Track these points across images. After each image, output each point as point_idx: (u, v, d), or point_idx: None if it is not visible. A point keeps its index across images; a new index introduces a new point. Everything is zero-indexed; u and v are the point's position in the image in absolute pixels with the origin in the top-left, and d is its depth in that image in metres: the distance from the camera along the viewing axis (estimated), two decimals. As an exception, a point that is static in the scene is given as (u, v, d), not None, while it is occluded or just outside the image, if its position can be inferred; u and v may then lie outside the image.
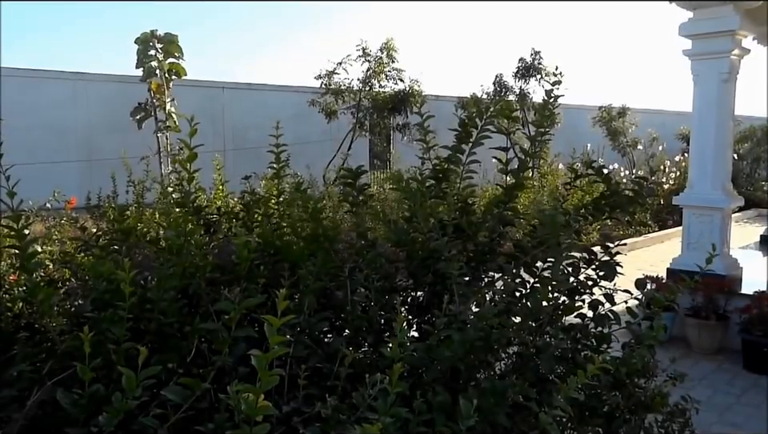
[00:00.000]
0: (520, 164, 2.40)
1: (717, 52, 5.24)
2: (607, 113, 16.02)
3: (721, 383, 4.44)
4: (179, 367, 1.73)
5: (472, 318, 1.96)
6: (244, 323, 1.81)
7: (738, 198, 5.76)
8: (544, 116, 2.35)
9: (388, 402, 1.56)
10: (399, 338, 1.78)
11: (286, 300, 1.43)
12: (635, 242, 9.84)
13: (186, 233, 1.99)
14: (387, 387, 1.56)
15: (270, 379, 1.35)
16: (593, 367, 1.71)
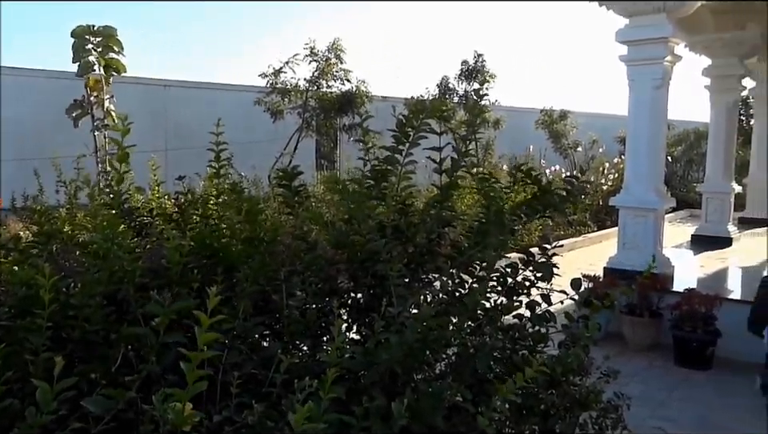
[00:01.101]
0: (453, 164, 2.42)
1: (651, 58, 5.43)
2: (549, 116, 16.39)
3: (653, 379, 4.59)
4: (104, 377, 1.66)
5: (410, 320, 1.96)
6: (174, 330, 1.75)
7: (670, 200, 5.98)
8: (474, 116, 2.36)
9: (321, 407, 1.53)
10: (336, 342, 1.76)
11: (217, 297, 1.39)
12: (575, 242, 10.10)
13: (114, 236, 1.91)
14: (320, 393, 1.53)
15: (197, 384, 1.30)
16: (530, 371, 1.73)
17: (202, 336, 1.30)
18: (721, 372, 4.71)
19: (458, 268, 2.37)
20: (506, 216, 2.45)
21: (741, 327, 4.49)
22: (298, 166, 2.51)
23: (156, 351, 1.65)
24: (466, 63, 13.83)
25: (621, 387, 4.23)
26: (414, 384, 1.98)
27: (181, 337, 1.61)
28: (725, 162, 8.01)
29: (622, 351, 5.16)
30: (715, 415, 4.00)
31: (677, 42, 5.53)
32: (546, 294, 2.36)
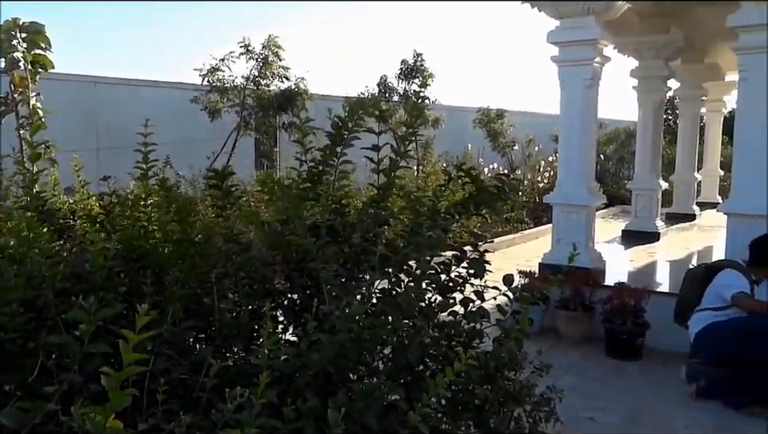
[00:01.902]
0: (391, 163, 2.42)
1: (580, 59, 5.59)
2: (486, 115, 16.68)
3: (586, 371, 4.73)
4: (20, 388, 1.58)
5: (342, 320, 1.95)
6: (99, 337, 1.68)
7: (601, 197, 6.18)
8: (413, 115, 2.38)
9: (253, 412, 1.51)
10: (268, 344, 1.73)
11: (147, 315, 1.33)
12: (513, 238, 10.32)
13: (32, 239, 1.82)
14: (252, 398, 1.51)
15: (121, 399, 1.25)
16: (460, 365, 1.75)
17: (127, 355, 1.25)
18: (650, 362, 4.90)
19: (393, 267, 2.39)
20: (441, 214, 2.48)
21: (668, 319, 4.70)
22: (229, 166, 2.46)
23: (78, 360, 1.59)
24: (405, 62, 13.91)
25: (555, 380, 4.34)
26: (348, 384, 1.98)
27: (106, 347, 1.54)
28: (652, 160, 8.34)
29: (557, 345, 5.30)
30: (645, 403, 4.15)
31: (605, 44, 5.71)
32: (479, 290, 2.40)
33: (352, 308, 1.96)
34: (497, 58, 61.22)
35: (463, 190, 3.05)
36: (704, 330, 4.21)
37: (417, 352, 2.09)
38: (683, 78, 10.01)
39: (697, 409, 4.04)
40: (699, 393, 4.19)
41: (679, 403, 4.15)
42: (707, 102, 11.65)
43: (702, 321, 4.25)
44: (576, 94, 5.65)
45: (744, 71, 4.94)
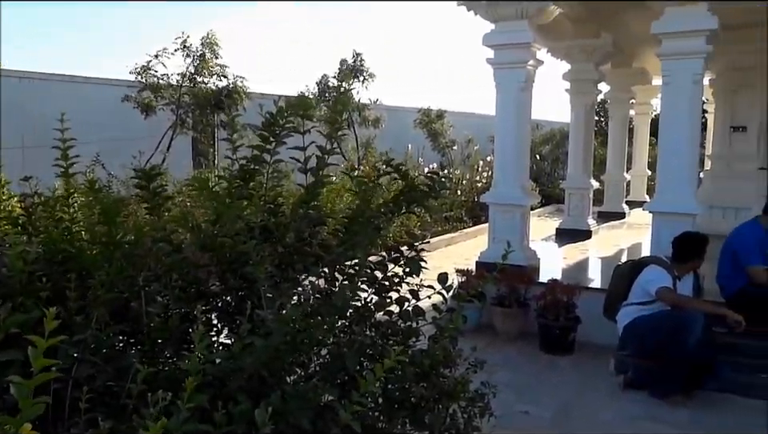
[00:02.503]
0: (318, 162, 2.41)
1: (515, 62, 5.72)
2: (427, 115, 16.85)
3: (521, 365, 4.85)
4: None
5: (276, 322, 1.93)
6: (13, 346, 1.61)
7: (535, 196, 6.36)
8: (337, 113, 2.37)
9: (180, 418, 1.48)
10: (199, 348, 1.70)
11: (55, 320, 1.29)
12: (452, 237, 10.47)
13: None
14: (179, 403, 1.48)
15: (32, 408, 1.20)
16: (389, 361, 1.76)
17: (37, 361, 1.20)
18: (581, 356, 5.06)
19: (328, 267, 2.38)
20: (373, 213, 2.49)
21: (598, 314, 4.86)
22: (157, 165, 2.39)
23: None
24: (344, 62, 13.90)
25: (491, 375, 4.41)
26: (283, 386, 1.96)
27: (18, 354, 1.48)
28: (584, 160, 8.62)
29: (493, 341, 5.41)
30: (576, 396, 4.29)
31: (538, 48, 5.87)
32: (415, 289, 2.42)
33: (288, 310, 1.94)
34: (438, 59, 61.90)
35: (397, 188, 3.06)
36: (631, 323, 4.39)
37: (354, 358, 2.09)
38: (613, 82, 10.40)
39: (624, 400, 4.20)
40: (627, 384, 4.37)
41: (608, 394, 4.31)
42: (636, 104, 12.14)
43: (629, 315, 4.42)
44: (511, 96, 5.79)
45: (667, 76, 5.17)
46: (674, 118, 5.18)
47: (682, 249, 4.41)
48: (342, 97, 12.40)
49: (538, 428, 3.75)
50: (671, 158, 5.22)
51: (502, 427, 3.74)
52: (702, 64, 5.04)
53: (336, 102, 4.66)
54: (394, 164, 2.54)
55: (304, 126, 2.34)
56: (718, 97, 9.15)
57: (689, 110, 5.13)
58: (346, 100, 12.20)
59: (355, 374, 2.15)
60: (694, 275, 4.56)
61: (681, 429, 3.78)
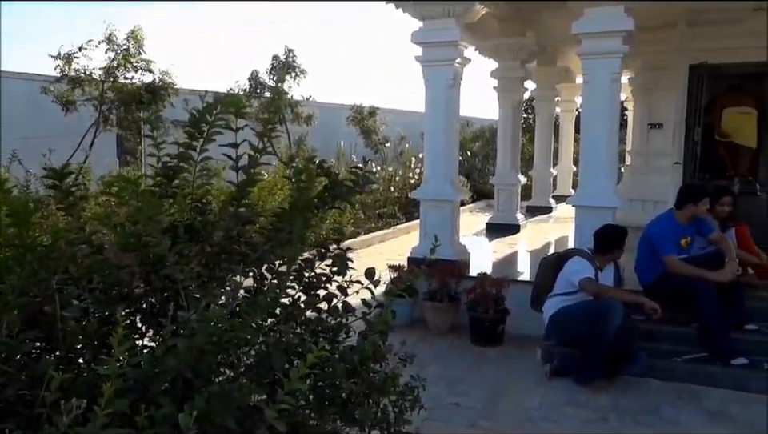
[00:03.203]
0: (250, 160, 2.39)
1: (443, 60, 5.81)
2: (359, 112, 16.87)
3: (452, 358, 4.94)
4: None
5: (200, 323, 1.90)
6: None
7: (465, 192, 6.48)
8: (271, 111, 2.35)
9: (97, 424, 1.43)
10: (119, 351, 1.65)
11: None
12: (385, 234, 10.55)
13: None
14: (96, 409, 1.43)
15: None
16: (311, 357, 1.76)
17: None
18: (510, 347, 5.21)
19: (255, 265, 2.36)
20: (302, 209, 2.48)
21: (526, 305, 5.00)
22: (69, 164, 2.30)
23: None
24: (276, 58, 13.73)
25: (423, 368, 4.50)
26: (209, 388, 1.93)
27: None
28: (512, 157, 8.85)
29: (425, 335, 5.49)
30: (504, 385, 4.41)
31: (465, 46, 5.98)
32: (342, 286, 2.43)
33: (210, 310, 1.91)
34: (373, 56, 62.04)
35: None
36: (556, 314, 4.54)
37: (281, 358, 2.07)
38: (539, 80, 10.72)
39: (550, 387, 4.36)
40: (553, 373, 4.52)
41: (535, 383, 4.45)
42: (561, 102, 12.55)
43: (554, 306, 4.58)
44: (439, 93, 5.87)
45: (587, 74, 5.38)
46: (594, 116, 5.39)
47: (602, 241, 4.60)
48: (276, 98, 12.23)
49: (468, 419, 3.84)
50: (592, 153, 5.43)
51: (434, 419, 3.83)
52: (619, 63, 5.27)
53: (270, 101, 4.56)
54: (316, 162, 2.54)
55: (236, 124, 2.30)
56: (637, 95, 9.57)
57: (608, 108, 5.35)
58: (279, 102, 12.05)
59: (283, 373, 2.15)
60: (615, 266, 4.77)
61: (602, 413, 3.95)
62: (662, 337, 4.79)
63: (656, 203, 8.36)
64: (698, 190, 4.97)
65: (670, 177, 8.47)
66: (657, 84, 8.98)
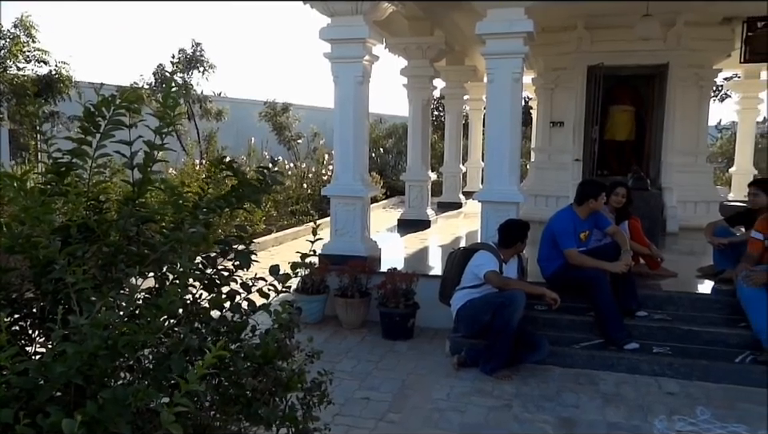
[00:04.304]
0: (146, 157, 2.31)
1: (351, 57, 5.82)
2: (272, 108, 16.66)
3: (364, 353, 4.98)
4: None
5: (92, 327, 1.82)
6: None
7: (375, 188, 6.53)
8: (167, 107, 2.28)
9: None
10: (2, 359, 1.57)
11: None
12: (297, 231, 10.47)
13: None
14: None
15: None
16: (209, 358, 1.73)
17: None
18: (420, 340, 5.30)
19: (157, 266, 2.29)
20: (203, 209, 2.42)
21: (435, 299, 5.11)
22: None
23: None
24: (183, 52, 13.33)
25: (334, 364, 4.51)
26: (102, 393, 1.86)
27: None
28: (422, 153, 9.00)
29: (338, 331, 5.50)
30: (414, 378, 4.48)
31: (374, 43, 6.02)
32: (246, 283, 2.40)
33: (102, 313, 1.84)
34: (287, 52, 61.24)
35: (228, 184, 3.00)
36: (463, 306, 4.67)
37: (180, 361, 2.02)
38: (448, 78, 10.95)
39: (458, 378, 4.48)
40: (460, 364, 4.65)
41: (444, 374, 4.56)
42: (470, 100, 12.90)
43: (461, 299, 4.71)
44: (348, 90, 5.89)
45: (491, 74, 5.55)
46: (498, 114, 5.58)
47: (505, 235, 4.77)
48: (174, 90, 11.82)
49: (378, 412, 3.88)
50: (496, 150, 5.62)
51: (344, 414, 3.85)
52: (520, 63, 5.47)
53: (166, 94, 4.27)
54: (226, 162, 2.50)
55: (131, 119, 2.21)
56: (540, 94, 9.98)
57: (510, 106, 5.55)
58: (175, 94, 11.65)
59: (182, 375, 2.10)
60: (518, 258, 4.95)
61: (506, 400, 4.10)
62: (562, 326, 5.03)
63: (558, 198, 8.74)
64: (595, 187, 5.24)
65: (570, 173, 8.90)
66: (558, 84, 9.39)
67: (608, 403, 4.12)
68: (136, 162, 2.33)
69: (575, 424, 3.79)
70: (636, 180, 7.86)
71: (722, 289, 5.20)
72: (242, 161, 12.85)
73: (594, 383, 4.45)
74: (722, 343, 4.74)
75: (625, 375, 4.57)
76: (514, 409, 3.99)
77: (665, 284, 5.56)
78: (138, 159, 2.34)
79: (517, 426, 3.76)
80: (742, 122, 12.26)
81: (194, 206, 2.44)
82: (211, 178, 2.67)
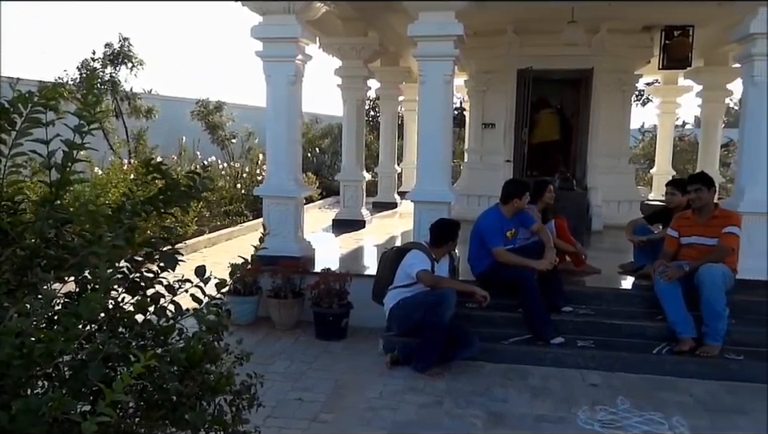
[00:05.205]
0: (64, 157, 2.23)
1: (284, 56, 5.78)
2: (204, 107, 16.31)
3: (297, 354, 4.96)
4: None
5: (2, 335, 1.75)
6: None
7: (308, 188, 6.52)
8: (87, 105, 2.20)
9: None
10: None
11: None
12: (232, 232, 10.30)
13: None
14: None
15: None
16: (137, 367, 1.70)
17: None
18: (354, 340, 5.32)
19: (77, 270, 2.21)
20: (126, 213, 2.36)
21: (368, 299, 5.14)
22: None
23: None
24: (110, 46, 12.87)
25: (267, 366, 4.47)
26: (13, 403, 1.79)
27: None
28: (357, 153, 9.03)
29: (271, 332, 5.46)
30: (347, 378, 4.50)
31: (307, 43, 6.00)
32: (171, 285, 2.35)
33: (15, 320, 1.77)
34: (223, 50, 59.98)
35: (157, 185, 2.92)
36: (396, 305, 4.72)
37: (98, 369, 1.96)
38: (383, 79, 11.03)
39: (390, 376, 4.52)
40: (393, 362, 4.70)
41: (377, 373, 4.60)
42: (405, 101, 13.03)
43: (394, 298, 4.76)
44: (281, 90, 5.85)
45: (423, 75, 5.63)
46: (430, 115, 5.66)
47: (436, 234, 4.85)
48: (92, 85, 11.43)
49: (310, 413, 3.87)
50: (428, 151, 5.71)
51: (276, 416, 3.83)
52: (451, 66, 5.57)
53: (88, 91, 4.10)
54: (154, 163, 2.44)
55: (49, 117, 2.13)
56: (472, 96, 10.17)
57: (442, 108, 5.65)
58: (97, 90, 11.28)
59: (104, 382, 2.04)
60: (450, 257, 5.04)
61: (438, 397, 4.18)
62: (492, 322, 5.15)
63: (490, 198, 8.90)
64: (519, 186, 5.40)
65: (502, 174, 9.11)
66: (489, 87, 9.61)
67: (535, 396, 4.25)
68: (54, 161, 2.25)
69: (504, 418, 3.90)
70: (562, 180, 8.14)
71: (641, 284, 5.46)
72: (172, 160, 12.53)
73: (522, 377, 4.58)
74: (641, 336, 4.98)
75: (552, 368, 4.73)
76: (446, 405, 4.06)
77: (589, 281, 5.79)
78: (59, 159, 2.25)
79: (448, 422, 3.83)
80: (662, 126, 12.89)
81: (119, 209, 2.37)
82: (139, 180, 2.61)
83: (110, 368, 2.10)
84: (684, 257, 5.01)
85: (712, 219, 4.95)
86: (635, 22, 8.59)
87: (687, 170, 13.26)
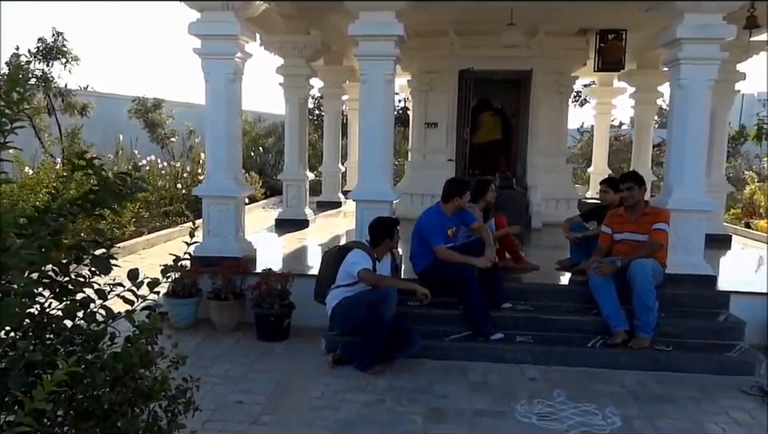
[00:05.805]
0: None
1: (222, 54, 5.69)
2: (143, 105, 15.88)
3: (238, 356, 4.89)
4: None
5: None
6: None
7: (249, 188, 6.43)
8: (9, 102, 2.12)
9: None
10: None
11: None
12: (172, 232, 10.08)
13: None
14: None
15: None
16: (59, 373, 1.64)
17: None
18: (296, 340, 5.29)
19: (0, 273, 2.12)
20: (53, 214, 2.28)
21: (311, 299, 5.11)
22: None
23: None
24: (43, 41, 12.37)
25: (207, 368, 4.40)
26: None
27: None
28: (299, 153, 8.96)
29: (212, 334, 5.37)
30: (288, 378, 4.47)
31: (246, 40, 5.91)
32: (102, 289, 2.28)
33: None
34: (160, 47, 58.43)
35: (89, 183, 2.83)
36: (338, 304, 4.72)
37: (20, 378, 1.89)
38: (326, 78, 10.99)
39: (332, 376, 4.52)
40: (336, 361, 4.70)
41: (319, 373, 4.59)
42: (348, 100, 13.01)
43: (336, 297, 4.75)
44: (220, 88, 5.75)
45: (364, 75, 5.64)
46: (372, 114, 5.68)
47: (375, 233, 4.87)
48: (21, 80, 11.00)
49: (251, 415, 3.83)
50: (370, 150, 5.72)
51: (215, 419, 3.77)
52: (392, 65, 5.61)
53: (10, 87, 3.86)
54: (87, 158, 2.36)
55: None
56: (415, 96, 10.25)
57: (383, 107, 5.67)
58: (22, 86, 10.85)
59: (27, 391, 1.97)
60: (392, 255, 5.07)
61: (380, 395, 4.20)
62: (433, 320, 5.21)
63: (433, 197, 8.96)
64: (459, 185, 5.48)
65: (444, 173, 9.19)
66: (432, 87, 9.70)
67: (475, 391, 4.33)
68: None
69: (444, 414, 3.95)
70: (503, 179, 8.31)
71: (577, 280, 5.63)
72: (109, 159, 12.14)
73: (463, 373, 4.66)
74: (577, 330, 5.13)
75: (491, 364, 4.82)
76: (387, 403, 4.08)
77: (528, 277, 5.93)
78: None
79: (389, 419, 3.86)
80: (598, 126, 13.31)
81: (45, 210, 2.29)
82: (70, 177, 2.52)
83: (36, 376, 2.02)
84: (617, 253, 5.20)
85: (643, 216, 5.15)
86: (571, 25, 8.83)
87: (623, 169, 13.72)
